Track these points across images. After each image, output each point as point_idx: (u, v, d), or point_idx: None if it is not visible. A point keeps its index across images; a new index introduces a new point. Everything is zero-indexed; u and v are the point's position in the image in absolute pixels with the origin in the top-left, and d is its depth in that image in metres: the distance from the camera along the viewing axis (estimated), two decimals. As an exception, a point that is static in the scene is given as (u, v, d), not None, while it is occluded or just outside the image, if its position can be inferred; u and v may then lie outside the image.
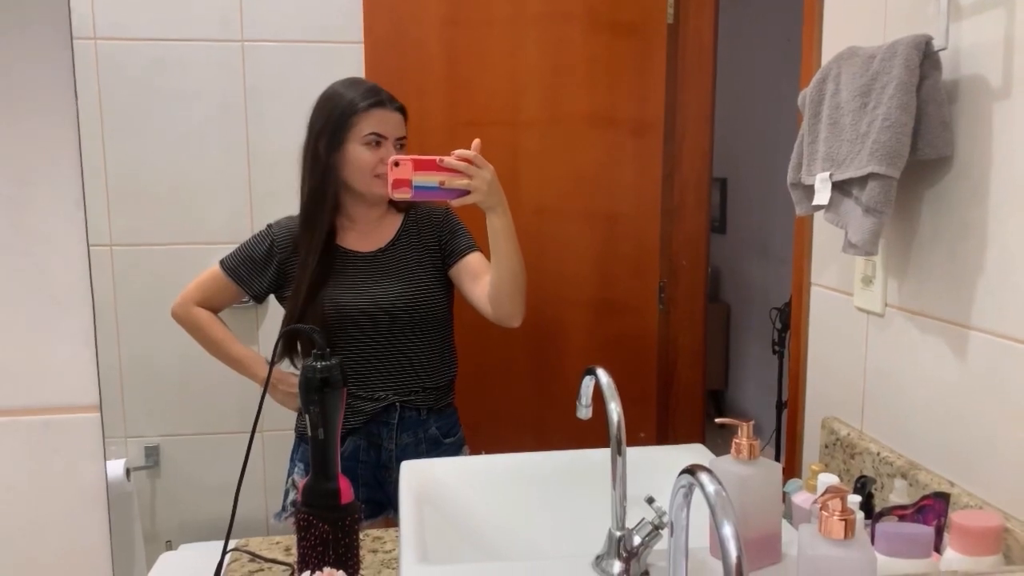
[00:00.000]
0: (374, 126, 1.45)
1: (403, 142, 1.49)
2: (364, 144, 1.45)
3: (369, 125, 1.44)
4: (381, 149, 1.46)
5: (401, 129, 1.49)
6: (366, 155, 1.45)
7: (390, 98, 1.48)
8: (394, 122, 1.47)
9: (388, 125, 1.46)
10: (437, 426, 1.54)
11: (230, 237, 1.97)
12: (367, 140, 1.44)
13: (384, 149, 1.46)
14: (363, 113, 1.45)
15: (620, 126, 2.00)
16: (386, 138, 1.46)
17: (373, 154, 1.45)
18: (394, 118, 1.47)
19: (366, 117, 1.45)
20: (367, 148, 1.45)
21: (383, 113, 1.46)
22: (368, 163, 1.45)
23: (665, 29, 2.00)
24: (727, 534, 0.58)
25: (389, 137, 1.46)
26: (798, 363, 1.43)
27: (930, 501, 0.95)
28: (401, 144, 1.49)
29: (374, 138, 1.45)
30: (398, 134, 1.48)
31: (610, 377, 0.93)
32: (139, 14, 1.87)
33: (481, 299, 1.47)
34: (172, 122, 1.92)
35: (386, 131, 1.46)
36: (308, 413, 0.93)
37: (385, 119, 1.46)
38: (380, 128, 1.45)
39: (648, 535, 0.89)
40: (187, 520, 2.04)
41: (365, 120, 1.45)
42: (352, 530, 0.95)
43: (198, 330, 1.57)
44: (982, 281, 0.98)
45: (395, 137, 1.47)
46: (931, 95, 1.00)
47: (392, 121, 1.47)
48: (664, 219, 2.06)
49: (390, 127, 1.46)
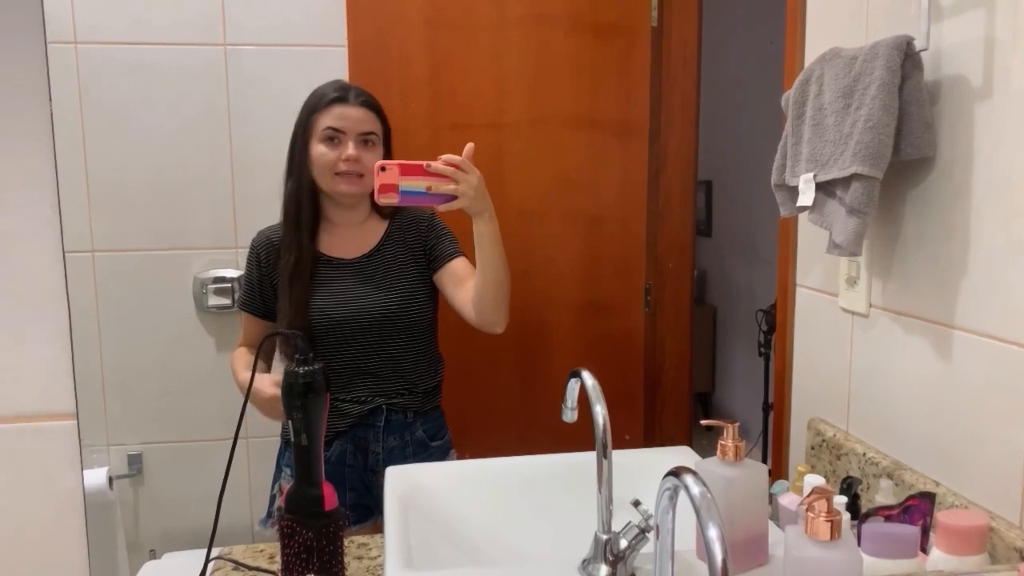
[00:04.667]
0: (331, 121, 1.43)
1: (370, 137, 1.46)
2: (322, 140, 1.44)
3: (327, 120, 1.43)
4: (341, 146, 1.44)
5: (365, 124, 1.45)
6: (324, 152, 1.43)
7: (357, 93, 1.46)
8: (356, 117, 1.44)
9: (347, 120, 1.43)
10: (424, 429, 1.53)
11: (213, 242, 1.96)
12: (324, 136, 1.43)
13: (344, 146, 1.43)
14: (324, 109, 1.44)
15: (605, 128, 2.00)
16: (344, 133, 1.44)
17: (332, 150, 1.43)
18: (356, 113, 1.44)
19: (326, 113, 1.43)
20: (326, 144, 1.44)
21: (343, 109, 1.44)
22: (326, 160, 1.43)
23: (649, 31, 2.00)
24: (712, 536, 0.57)
25: (348, 133, 1.44)
26: (784, 364, 1.43)
27: (916, 501, 0.95)
28: (367, 140, 1.45)
29: (331, 133, 1.43)
30: (360, 129, 1.44)
31: (595, 380, 0.92)
32: (120, 18, 1.85)
33: (465, 304, 1.46)
34: (154, 126, 1.90)
35: (344, 126, 1.43)
36: (291, 419, 0.92)
37: (345, 114, 1.43)
38: (337, 123, 1.43)
39: (634, 538, 0.88)
40: (171, 528, 2.02)
41: (325, 116, 1.43)
42: (336, 537, 0.94)
43: (233, 372, 1.54)
44: (966, 281, 0.98)
45: (357, 132, 1.44)
46: (913, 96, 1.01)
47: (353, 116, 1.44)
48: (650, 221, 2.07)
49: (350, 122, 1.43)
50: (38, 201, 0.64)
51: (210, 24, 1.89)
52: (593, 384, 0.92)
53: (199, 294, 1.96)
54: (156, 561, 1.80)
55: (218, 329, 1.98)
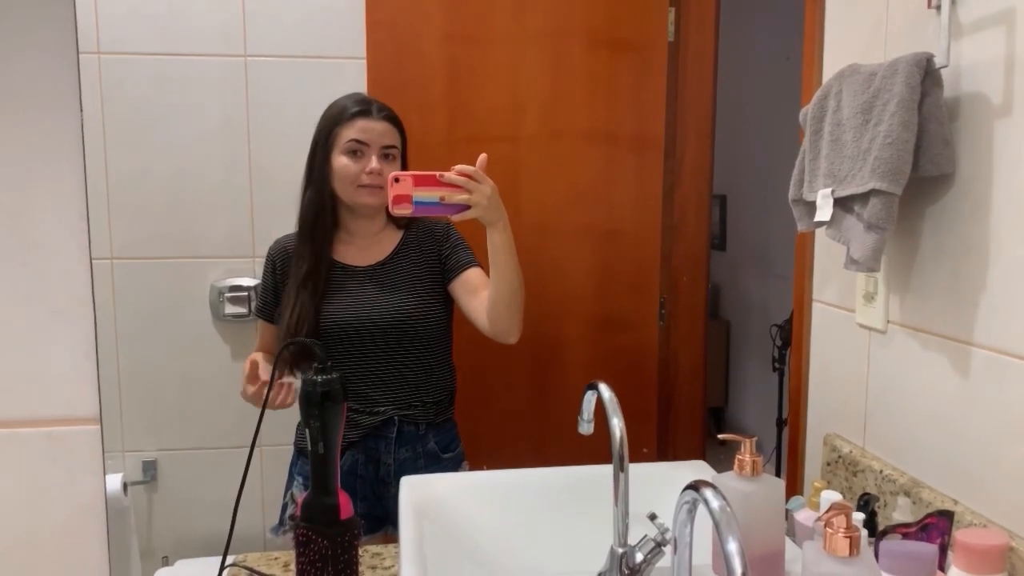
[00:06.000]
0: (355, 134, 1.45)
1: (391, 151, 1.48)
2: (345, 153, 1.45)
3: (350, 133, 1.45)
4: (363, 159, 1.45)
5: (388, 138, 1.47)
6: (347, 164, 1.45)
7: (379, 107, 1.48)
8: (379, 131, 1.46)
9: (371, 133, 1.45)
10: (436, 440, 1.54)
11: (231, 251, 1.98)
12: (348, 148, 1.45)
13: (366, 159, 1.45)
14: (347, 122, 1.45)
15: (620, 143, 2.01)
16: (368, 146, 1.45)
17: (354, 163, 1.45)
18: (379, 127, 1.46)
19: (349, 125, 1.45)
20: (348, 157, 1.45)
21: (366, 122, 1.45)
22: (349, 172, 1.45)
23: (666, 46, 2.01)
24: (732, 550, 0.57)
25: (372, 145, 1.45)
26: (799, 379, 1.42)
27: (934, 519, 0.95)
28: (388, 153, 1.47)
29: (354, 146, 1.45)
30: (383, 143, 1.46)
31: (612, 392, 0.92)
32: (143, 29, 1.88)
33: (479, 314, 1.46)
34: (175, 136, 1.92)
35: (368, 139, 1.45)
36: (308, 427, 0.93)
37: (368, 128, 1.45)
38: (361, 136, 1.45)
39: (650, 552, 0.88)
40: (184, 535, 2.02)
41: (348, 128, 1.45)
42: (351, 546, 0.94)
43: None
44: (984, 298, 0.98)
45: (380, 146, 1.46)
46: (932, 112, 1.01)
47: (376, 130, 1.46)
48: (664, 235, 2.07)
49: (373, 135, 1.45)
50: (67, 208, 0.65)
51: (231, 36, 1.92)
52: (610, 396, 0.92)
53: (216, 302, 1.97)
54: (169, 568, 1.81)
55: (234, 337, 2.00)
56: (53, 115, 0.64)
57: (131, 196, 1.92)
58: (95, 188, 1.90)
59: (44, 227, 0.65)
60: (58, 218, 0.65)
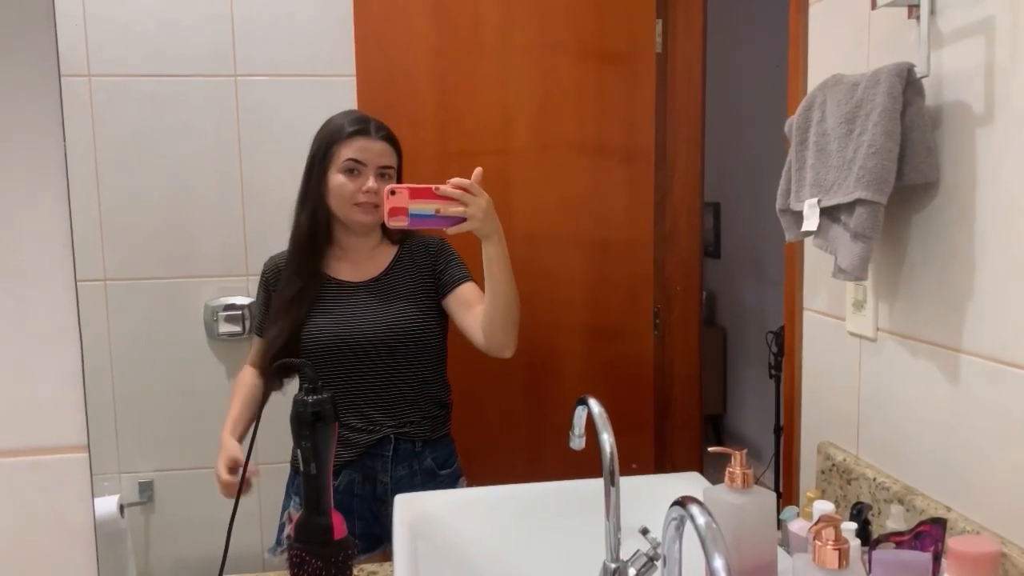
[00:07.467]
0: (352, 153, 1.45)
1: (388, 171, 1.48)
2: (342, 171, 1.46)
3: (348, 152, 1.45)
4: (360, 177, 1.46)
5: (385, 158, 1.48)
6: (344, 182, 1.45)
7: (377, 127, 1.49)
8: (376, 150, 1.47)
9: (368, 153, 1.46)
10: (432, 457, 1.53)
11: (224, 270, 1.98)
12: (345, 167, 1.45)
13: (364, 177, 1.46)
14: (345, 141, 1.46)
15: (611, 153, 2.02)
16: (365, 165, 1.46)
17: (351, 181, 1.46)
18: (377, 146, 1.47)
19: (347, 144, 1.46)
20: (345, 175, 1.46)
21: (364, 141, 1.46)
22: (346, 191, 1.46)
23: (654, 57, 2.02)
24: (718, 567, 0.57)
25: (369, 165, 1.46)
26: (792, 388, 1.42)
27: (927, 527, 0.95)
28: (384, 173, 1.48)
29: (351, 165, 1.45)
30: (381, 162, 1.47)
31: (602, 407, 0.92)
32: (133, 51, 1.89)
33: (474, 328, 1.47)
34: (166, 156, 1.93)
35: (365, 158, 1.46)
36: (300, 448, 0.93)
37: (366, 147, 1.46)
38: (359, 155, 1.45)
39: (643, 567, 0.88)
40: (181, 556, 2.01)
41: (346, 147, 1.46)
42: (345, 566, 0.94)
43: (235, 387, 1.61)
44: (972, 304, 0.98)
45: (377, 165, 1.46)
46: (915, 121, 1.01)
47: (374, 149, 1.46)
48: (657, 245, 2.07)
49: (371, 155, 1.46)
50: (50, 236, 0.65)
51: (221, 56, 1.92)
52: (599, 412, 0.92)
53: (210, 321, 1.97)
54: (166, 589, 1.80)
55: (229, 356, 1.99)
56: (35, 143, 0.64)
57: (123, 216, 1.92)
58: (87, 209, 1.90)
59: (27, 255, 0.65)
60: (41, 246, 0.65)
